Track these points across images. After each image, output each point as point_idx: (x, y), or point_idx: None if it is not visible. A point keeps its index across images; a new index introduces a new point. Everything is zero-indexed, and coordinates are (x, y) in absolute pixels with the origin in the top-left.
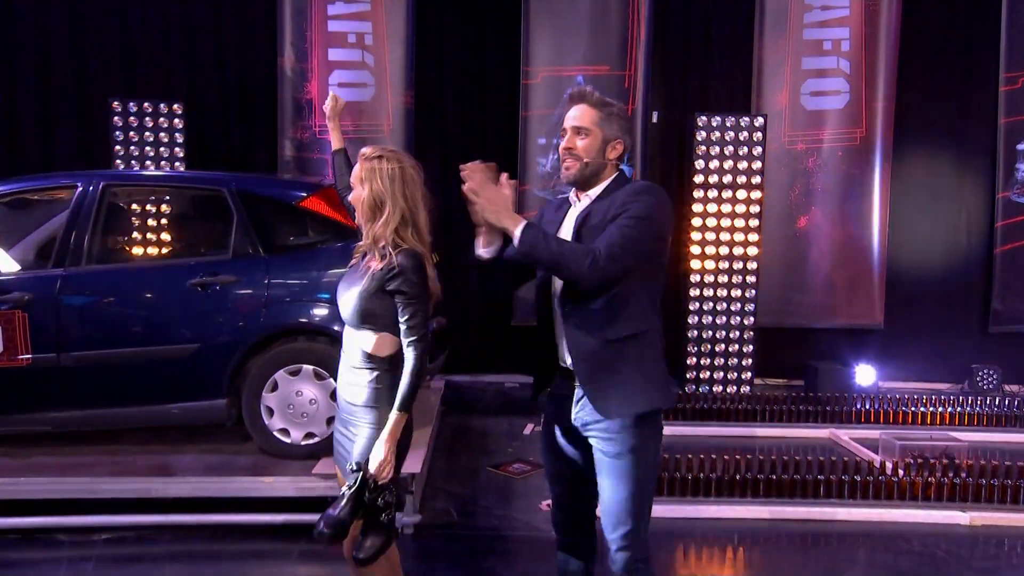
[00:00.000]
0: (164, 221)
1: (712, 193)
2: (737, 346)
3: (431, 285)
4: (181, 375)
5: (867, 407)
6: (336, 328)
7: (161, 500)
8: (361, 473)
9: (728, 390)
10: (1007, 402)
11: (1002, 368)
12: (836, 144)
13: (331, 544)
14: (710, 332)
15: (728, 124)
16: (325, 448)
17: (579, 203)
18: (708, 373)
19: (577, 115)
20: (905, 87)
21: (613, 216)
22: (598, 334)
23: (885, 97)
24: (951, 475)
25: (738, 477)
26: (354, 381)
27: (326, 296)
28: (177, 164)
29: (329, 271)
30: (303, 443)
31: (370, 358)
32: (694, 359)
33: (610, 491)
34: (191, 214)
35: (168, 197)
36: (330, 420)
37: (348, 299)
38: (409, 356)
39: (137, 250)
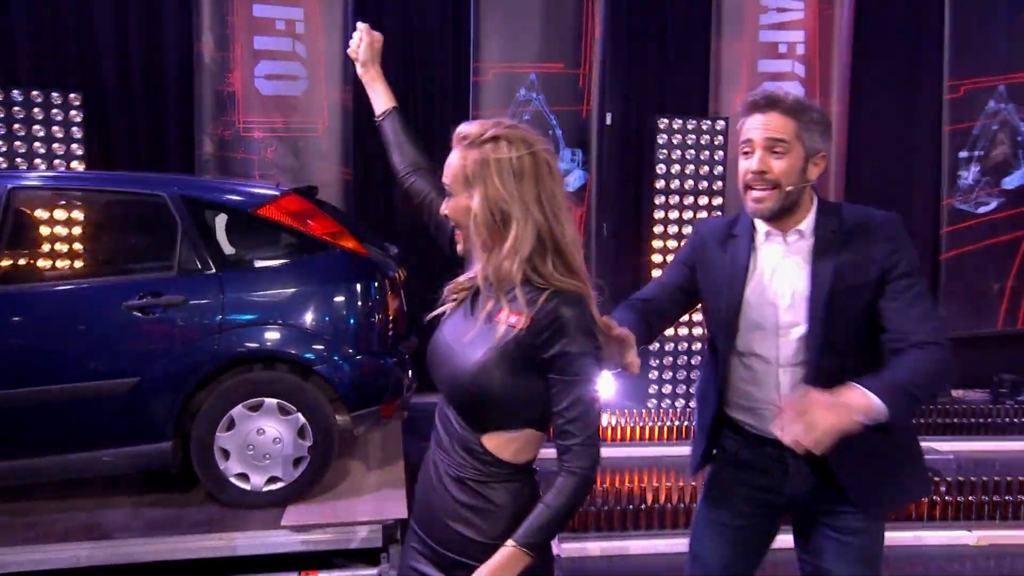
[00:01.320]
0: (88, 233)
1: (673, 199)
2: (699, 359)
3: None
4: (115, 416)
5: None
6: (293, 351)
7: (91, 570)
8: None
9: (691, 405)
10: (960, 409)
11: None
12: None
13: None
14: (672, 344)
15: (689, 127)
16: (293, 494)
17: (784, 246)
18: (671, 388)
19: (770, 124)
20: (856, 93)
21: (882, 273)
22: None
23: (839, 102)
24: (955, 493)
25: None
26: (467, 501)
27: (291, 318)
28: (74, 163)
29: (294, 289)
30: (265, 489)
31: (500, 464)
32: (655, 373)
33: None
34: (123, 224)
35: (92, 204)
36: (297, 461)
37: (463, 372)
38: (570, 468)
39: (55, 267)
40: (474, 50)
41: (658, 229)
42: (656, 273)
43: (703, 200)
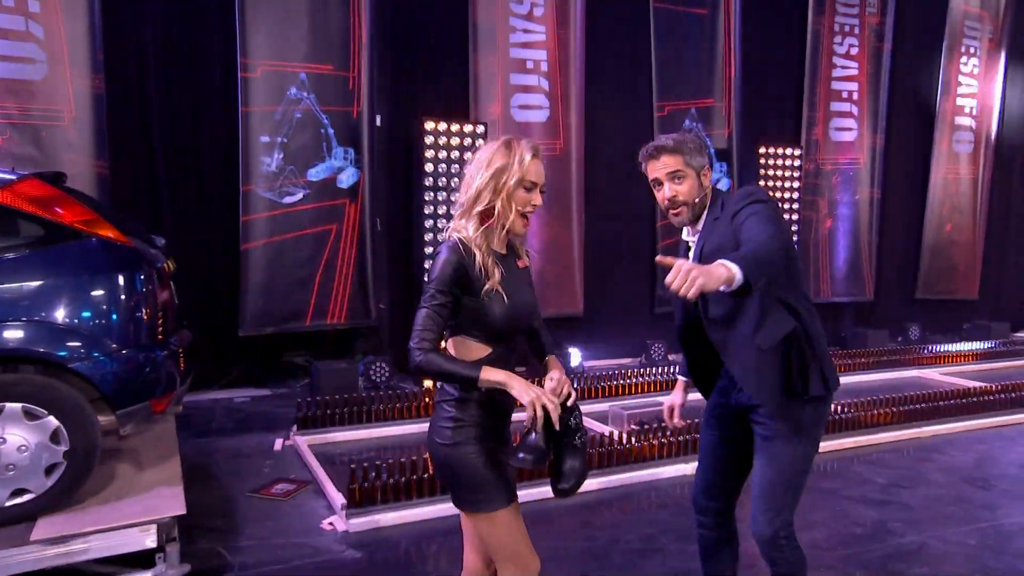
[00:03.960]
0: None
1: (441, 196)
2: None
3: None
4: None
5: (592, 385)
6: (42, 350)
7: None
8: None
9: None
10: (675, 369)
11: (666, 341)
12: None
13: (534, 467)
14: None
15: (453, 130)
16: (46, 506)
17: (693, 239)
18: None
19: (667, 163)
20: (592, 109)
21: (736, 225)
22: (753, 346)
23: (577, 114)
24: (669, 435)
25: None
26: None
27: (38, 313)
28: None
29: (41, 281)
30: (9, 504)
31: None
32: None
33: (760, 471)
34: None
35: None
36: (51, 469)
37: (530, 306)
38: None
39: None
40: (241, 45)
41: (428, 224)
42: (427, 265)
43: None
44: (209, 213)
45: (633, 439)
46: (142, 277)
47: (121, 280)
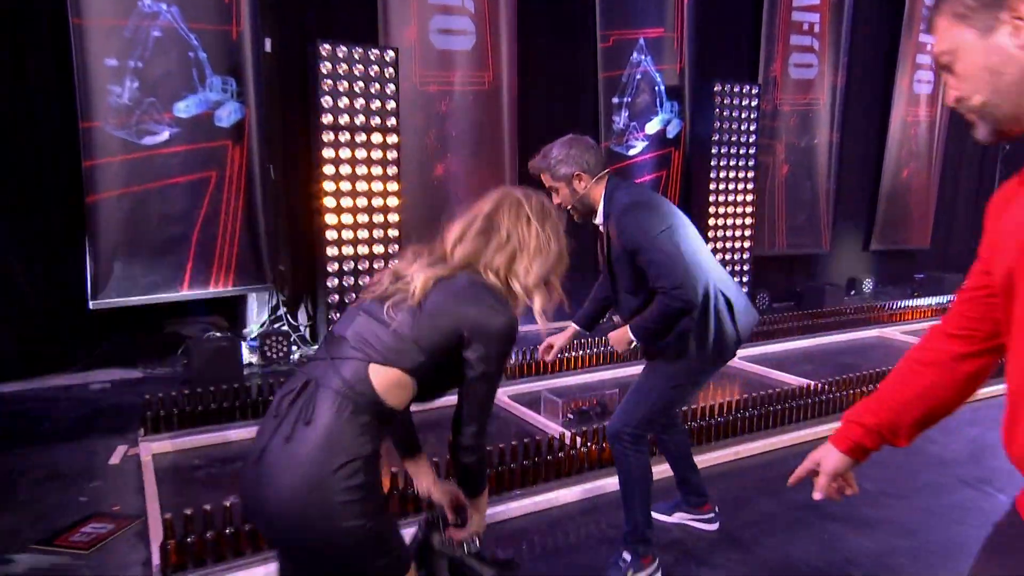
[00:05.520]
0: None
1: (344, 136)
2: None
3: None
4: None
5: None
6: None
7: None
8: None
9: None
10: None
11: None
12: (467, 88)
13: None
14: (354, 295)
15: (356, 56)
16: None
17: (603, 225)
18: None
19: (544, 180)
20: (526, 37)
21: (628, 249)
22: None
23: (508, 42)
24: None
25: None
26: None
27: None
28: None
29: None
30: None
31: None
32: (336, 316)
33: (632, 388)
34: None
35: None
36: None
37: None
38: None
39: None
40: None
41: (329, 169)
42: (330, 219)
43: (376, 137)
44: (43, 156)
45: (569, 443)
46: None
47: None
